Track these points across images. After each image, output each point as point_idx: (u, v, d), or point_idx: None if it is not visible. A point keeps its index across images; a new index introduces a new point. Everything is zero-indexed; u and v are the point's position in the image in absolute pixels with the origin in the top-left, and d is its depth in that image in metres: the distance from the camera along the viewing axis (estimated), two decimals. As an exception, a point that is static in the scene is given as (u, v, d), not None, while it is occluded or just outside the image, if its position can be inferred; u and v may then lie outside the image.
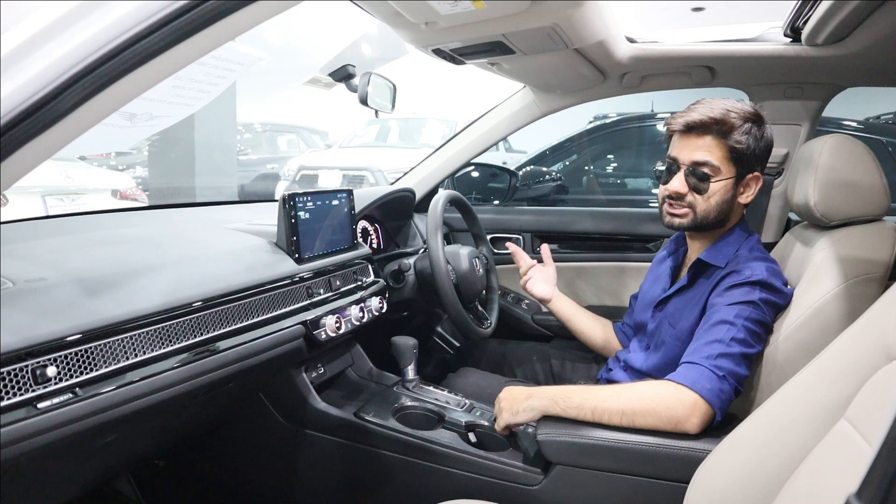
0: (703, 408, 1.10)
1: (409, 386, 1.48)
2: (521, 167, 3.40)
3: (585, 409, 1.15)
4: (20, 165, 0.64)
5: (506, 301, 2.14)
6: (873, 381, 0.79)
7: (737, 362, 1.14)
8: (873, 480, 0.40)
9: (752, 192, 1.30)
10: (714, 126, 1.24)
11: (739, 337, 1.16)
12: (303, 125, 10.64)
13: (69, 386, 0.83)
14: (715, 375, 1.12)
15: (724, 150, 1.25)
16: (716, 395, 1.11)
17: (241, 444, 1.49)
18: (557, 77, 1.76)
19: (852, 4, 1.17)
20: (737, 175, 1.27)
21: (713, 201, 1.27)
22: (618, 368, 1.48)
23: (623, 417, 1.13)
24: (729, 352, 1.14)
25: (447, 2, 1.12)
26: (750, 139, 1.24)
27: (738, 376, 1.14)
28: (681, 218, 1.31)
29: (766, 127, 1.28)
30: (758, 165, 1.29)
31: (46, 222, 1.35)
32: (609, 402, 1.14)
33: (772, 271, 1.24)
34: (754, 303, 1.19)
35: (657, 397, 1.13)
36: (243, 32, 0.72)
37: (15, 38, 0.63)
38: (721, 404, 1.11)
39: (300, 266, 1.33)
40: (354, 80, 1.56)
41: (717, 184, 1.26)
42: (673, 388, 1.13)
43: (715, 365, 1.13)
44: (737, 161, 1.25)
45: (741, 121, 1.24)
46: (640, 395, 1.14)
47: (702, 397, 1.10)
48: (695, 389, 1.11)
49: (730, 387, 1.13)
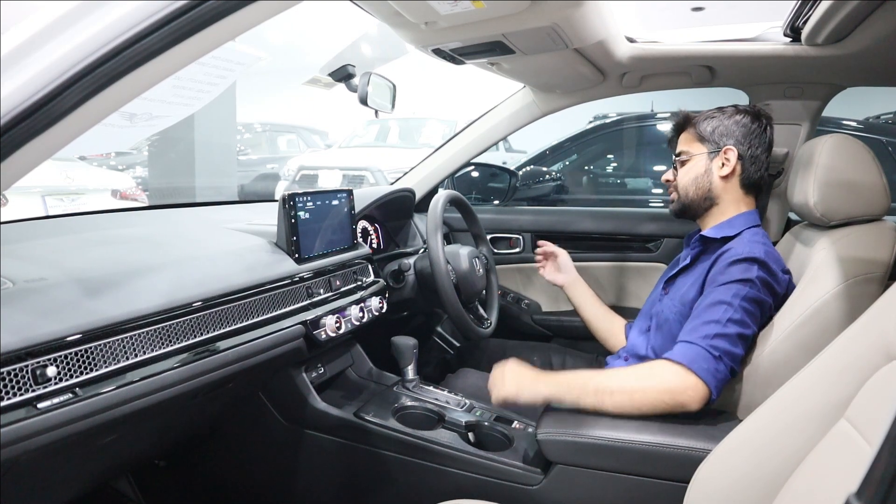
0: (699, 386, 1.14)
1: (409, 386, 1.48)
2: (521, 167, 3.40)
3: (588, 389, 1.18)
4: (20, 165, 0.64)
5: (506, 301, 2.14)
6: (873, 381, 0.79)
7: (733, 342, 1.18)
8: (873, 480, 0.40)
9: (731, 165, 1.38)
10: (683, 125, 1.47)
11: (736, 318, 1.19)
12: (303, 125, 10.63)
13: (69, 386, 0.83)
14: (711, 356, 1.15)
15: (692, 137, 1.45)
16: (711, 375, 1.14)
17: (241, 444, 1.49)
18: (557, 77, 1.76)
19: (852, 4, 1.17)
20: (709, 151, 1.41)
21: (689, 176, 1.43)
22: (619, 362, 1.49)
23: (623, 395, 1.16)
24: (725, 332, 1.18)
25: (447, 2, 1.12)
26: (713, 121, 1.42)
27: (733, 356, 1.18)
28: (672, 202, 1.48)
29: (736, 113, 1.41)
30: (730, 139, 1.39)
31: (46, 222, 1.35)
32: (609, 382, 1.18)
33: (771, 256, 1.27)
34: (751, 281, 1.22)
35: (655, 375, 1.17)
36: (243, 32, 0.72)
37: (15, 38, 0.63)
38: (717, 384, 1.15)
39: (300, 266, 1.33)
40: (354, 80, 1.55)
41: (692, 160, 1.43)
42: (670, 366, 1.17)
43: (711, 345, 1.17)
44: (704, 140, 1.42)
45: (701, 113, 1.45)
46: (639, 374, 1.20)
47: (698, 376, 1.14)
48: (692, 368, 1.14)
49: (725, 367, 1.16)
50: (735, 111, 1.42)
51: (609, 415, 1.16)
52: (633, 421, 1.18)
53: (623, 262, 2.14)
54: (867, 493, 0.39)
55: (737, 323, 1.19)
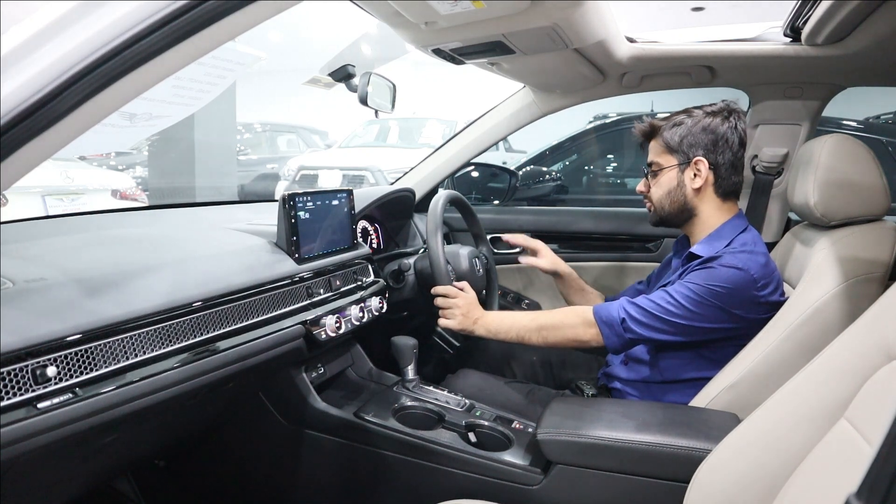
0: (594, 329, 1.33)
1: (409, 386, 1.48)
2: (521, 167, 3.40)
3: (511, 334, 1.40)
4: (20, 165, 0.64)
5: (506, 301, 2.13)
6: (873, 381, 0.79)
7: (643, 314, 1.29)
8: (873, 480, 0.40)
9: (703, 177, 1.37)
10: (648, 133, 1.46)
11: (666, 300, 1.28)
12: (303, 125, 10.63)
13: (69, 386, 0.83)
14: (618, 312, 1.31)
15: (661, 147, 1.43)
16: (607, 325, 1.31)
17: (241, 444, 1.49)
18: (557, 77, 1.76)
19: (852, 4, 1.17)
20: (679, 163, 1.40)
21: (662, 189, 1.43)
22: (618, 363, 1.49)
23: (539, 334, 1.37)
24: (643, 305, 1.30)
25: (447, 2, 1.12)
26: (680, 129, 1.39)
27: (635, 321, 1.29)
28: (650, 214, 1.49)
29: (704, 117, 1.38)
30: (699, 150, 1.38)
31: (46, 222, 1.35)
32: (531, 324, 1.39)
33: (757, 265, 1.26)
34: (702, 286, 1.26)
35: (567, 318, 1.38)
36: (243, 32, 0.72)
37: (15, 38, 0.63)
38: (610, 333, 1.31)
39: (300, 266, 1.33)
40: (354, 80, 1.56)
41: (663, 173, 1.42)
42: (582, 310, 1.37)
43: (623, 307, 1.31)
44: (673, 151, 1.40)
45: (666, 121, 1.42)
46: (554, 315, 1.39)
47: (596, 320, 1.32)
48: (595, 311, 1.33)
49: (621, 326, 1.30)
50: (703, 114, 1.38)
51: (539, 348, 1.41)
52: (633, 421, 1.18)
53: (623, 262, 2.14)
54: (867, 493, 0.39)
55: (662, 304, 1.28)
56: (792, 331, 1.20)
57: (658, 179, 1.42)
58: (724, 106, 1.39)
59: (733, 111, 1.39)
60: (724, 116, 1.38)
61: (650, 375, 1.39)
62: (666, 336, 1.28)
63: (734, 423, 1.03)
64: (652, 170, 1.44)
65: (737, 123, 1.38)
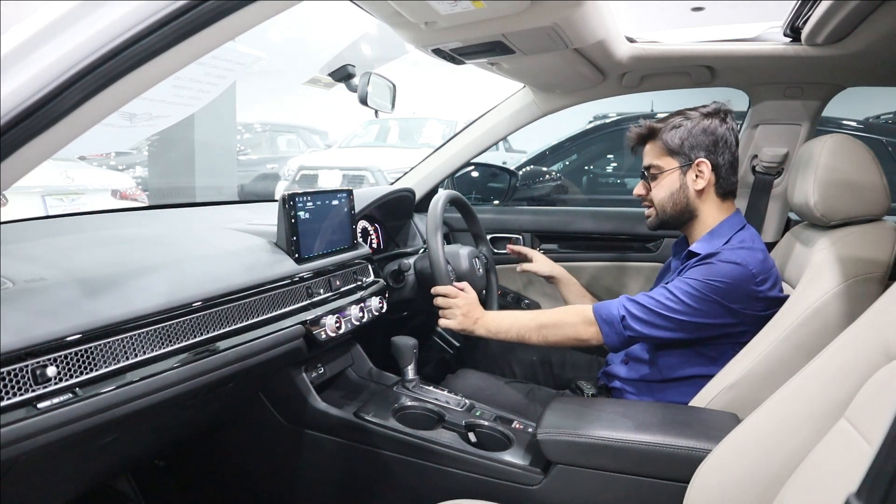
0: (594, 327, 1.33)
1: (409, 386, 1.48)
2: (521, 167, 3.40)
3: (511, 333, 1.41)
4: (20, 165, 0.64)
5: (506, 301, 2.13)
6: (873, 380, 0.79)
7: (643, 311, 1.29)
8: (873, 480, 0.40)
9: (706, 178, 1.38)
10: (645, 136, 1.45)
11: (665, 297, 1.28)
12: (303, 125, 10.63)
13: (69, 386, 0.83)
14: (618, 310, 1.31)
15: (660, 149, 1.42)
16: (607, 323, 1.32)
17: (241, 444, 1.49)
18: (557, 77, 1.76)
19: (852, 4, 1.17)
20: (681, 165, 1.39)
21: (665, 192, 1.42)
22: (618, 362, 1.49)
23: (539, 332, 1.38)
24: (643, 302, 1.30)
25: (447, 2, 1.12)
26: (680, 131, 1.39)
27: (635, 318, 1.29)
28: (650, 217, 1.48)
29: (702, 119, 1.38)
30: (700, 152, 1.38)
31: (46, 222, 1.35)
32: (531, 323, 1.39)
33: (755, 261, 1.27)
34: (703, 281, 1.26)
35: (566, 316, 1.39)
36: (243, 32, 0.72)
37: (15, 38, 0.63)
38: (609, 331, 1.31)
39: (300, 266, 1.33)
40: (354, 80, 1.55)
41: (664, 176, 1.41)
42: (582, 308, 1.37)
43: (623, 304, 1.32)
44: (674, 153, 1.40)
45: (665, 122, 1.42)
46: (554, 314, 1.40)
47: (596, 318, 1.33)
48: (595, 310, 1.34)
49: (621, 324, 1.30)
50: (701, 116, 1.38)
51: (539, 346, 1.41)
52: (633, 421, 1.18)
53: (623, 262, 2.14)
54: (867, 492, 0.39)
55: (662, 301, 1.28)
56: (792, 331, 1.20)
57: (659, 182, 1.42)
58: (718, 107, 1.40)
59: (728, 112, 1.40)
60: (721, 118, 1.38)
61: (650, 374, 1.39)
62: (665, 333, 1.28)
63: (734, 423, 1.03)
64: (651, 173, 1.44)
65: (732, 124, 1.40)
